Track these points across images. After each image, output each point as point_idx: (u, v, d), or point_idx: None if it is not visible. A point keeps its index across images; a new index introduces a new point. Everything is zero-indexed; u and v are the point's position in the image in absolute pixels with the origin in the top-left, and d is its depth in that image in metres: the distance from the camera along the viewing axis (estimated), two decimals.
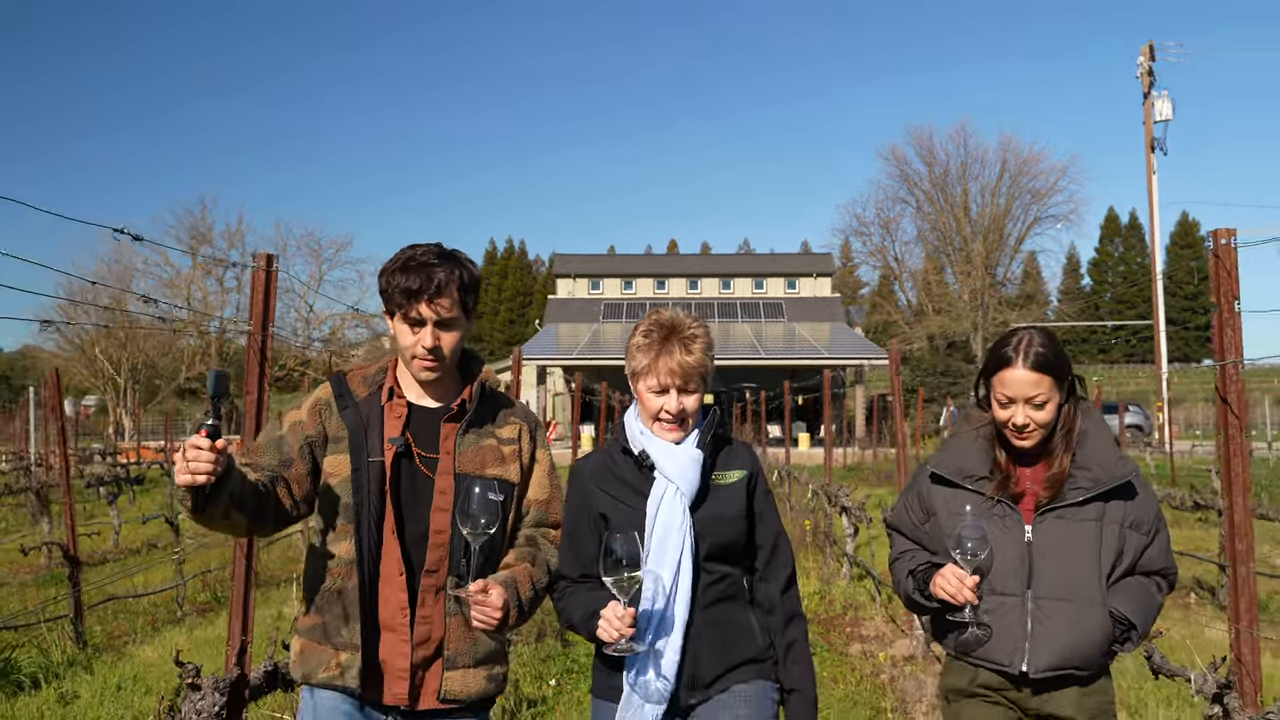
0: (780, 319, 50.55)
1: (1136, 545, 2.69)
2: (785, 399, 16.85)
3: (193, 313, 47.84)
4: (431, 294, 2.49)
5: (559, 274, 55.51)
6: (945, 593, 2.61)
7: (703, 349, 2.63)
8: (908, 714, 5.49)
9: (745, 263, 61.44)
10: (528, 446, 2.70)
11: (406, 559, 2.51)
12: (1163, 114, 38.15)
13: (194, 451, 2.20)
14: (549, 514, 2.73)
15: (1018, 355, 2.68)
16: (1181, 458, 24.78)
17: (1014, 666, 2.63)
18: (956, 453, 2.84)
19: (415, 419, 2.60)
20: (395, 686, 2.50)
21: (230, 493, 2.31)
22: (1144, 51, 38.64)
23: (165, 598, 8.61)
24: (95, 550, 11.46)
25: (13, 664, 6.20)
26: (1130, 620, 2.63)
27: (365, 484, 2.51)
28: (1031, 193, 56.85)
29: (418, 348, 2.54)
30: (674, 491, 2.58)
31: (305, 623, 2.58)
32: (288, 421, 2.62)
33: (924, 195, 58.46)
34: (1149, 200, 39.01)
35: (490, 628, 2.44)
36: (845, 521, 9.92)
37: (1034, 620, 2.63)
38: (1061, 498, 2.68)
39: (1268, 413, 35.51)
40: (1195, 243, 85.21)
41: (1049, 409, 2.68)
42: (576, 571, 2.65)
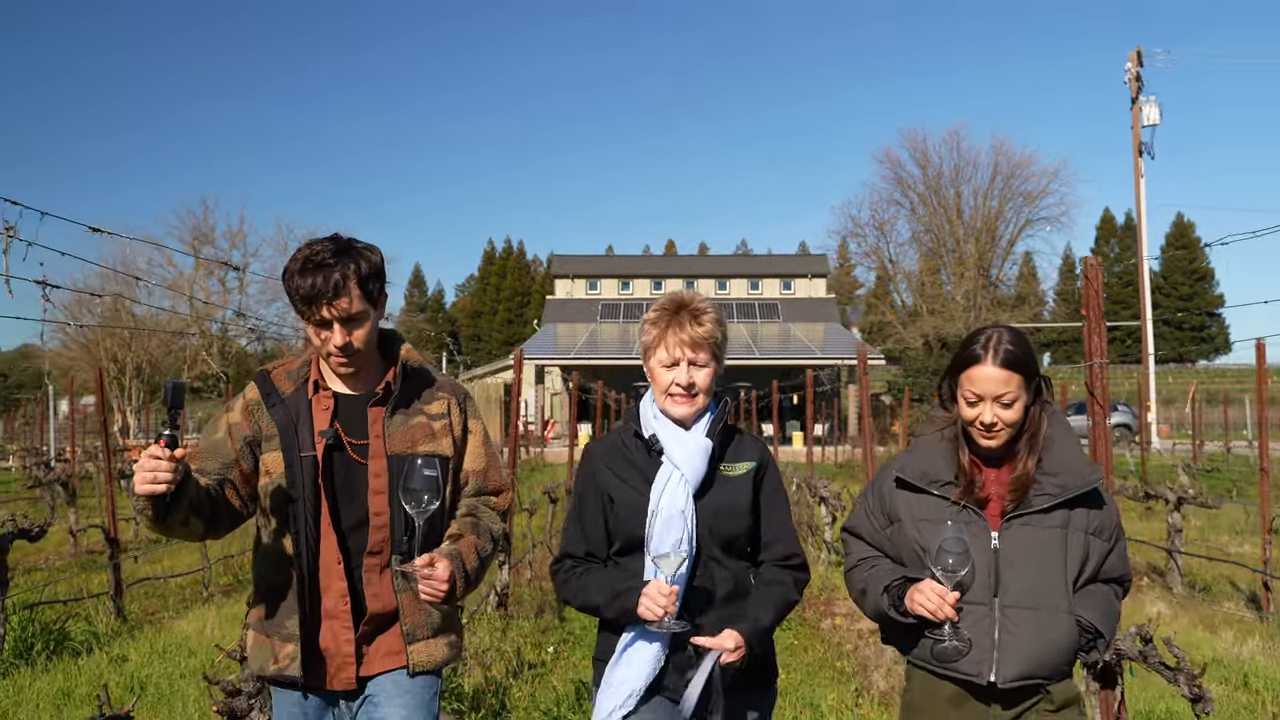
0: (776, 319, 51.20)
1: (1100, 552, 2.65)
2: (774, 398, 17.54)
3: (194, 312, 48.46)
4: (330, 296, 2.47)
5: (557, 274, 56.18)
6: (925, 610, 2.53)
7: (713, 321, 2.62)
8: (867, 675, 6.16)
9: (741, 264, 62.14)
10: (458, 419, 2.72)
11: (344, 547, 2.55)
12: (1150, 119, 38.84)
13: (153, 462, 2.21)
14: (488, 482, 2.75)
15: (986, 352, 2.62)
16: (1160, 455, 25.45)
17: (982, 677, 2.57)
18: (921, 456, 2.75)
19: (343, 408, 2.62)
20: (342, 672, 2.55)
21: (189, 499, 2.34)
22: (1132, 57, 39.29)
23: (192, 579, 9.29)
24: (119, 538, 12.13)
25: (66, 633, 6.90)
26: (1097, 628, 2.59)
27: (299, 479, 2.53)
28: (1023, 195, 57.49)
29: (329, 346, 2.54)
30: (679, 478, 2.57)
31: (253, 616, 2.65)
32: (223, 425, 2.63)
33: (918, 197, 59.11)
34: (1136, 203, 39.75)
35: (438, 599, 2.48)
36: (824, 511, 10.63)
37: (1001, 629, 2.57)
38: (1028, 504, 2.61)
39: (1248, 411, 36.15)
40: (1191, 243, 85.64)
41: (1017, 408, 2.62)
42: (583, 549, 2.66)
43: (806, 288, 54.85)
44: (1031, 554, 2.57)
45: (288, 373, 2.67)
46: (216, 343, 51.57)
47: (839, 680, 6.12)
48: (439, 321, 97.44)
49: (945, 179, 58.46)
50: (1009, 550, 2.58)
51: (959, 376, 2.65)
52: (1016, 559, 2.57)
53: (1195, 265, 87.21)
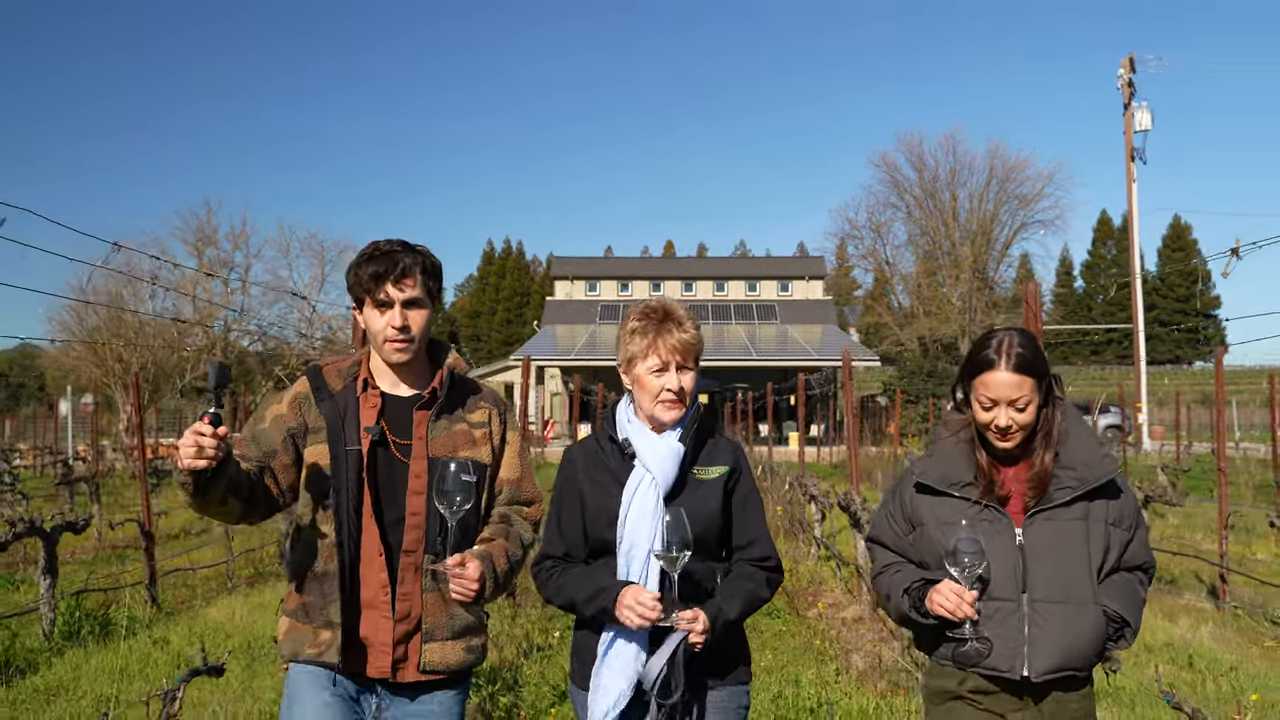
0: (773, 321, 51.69)
1: (1121, 542, 2.69)
2: (769, 399, 18.10)
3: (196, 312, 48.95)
4: (397, 275, 2.63)
5: (557, 276, 56.71)
6: (944, 609, 2.56)
7: (695, 328, 2.72)
8: (847, 657, 6.73)
9: (739, 265, 62.65)
10: (498, 429, 2.81)
11: (385, 541, 2.62)
12: (1142, 124, 39.41)
13: (196, 437, 2.30)
14: (521, 492, 2.83)
15: (1000, 357, 2.65)
16: (1148, 456, 26.02)
17: (1015, 672, 2.59)
18: (940, 460, 2.77)
19: (389, 408, 2.71)
20: (379, 660, 2.61)
21: (228, 479, 2.42)
22: (1124, 64, 39.89)
23: (216, 571, 9.85)
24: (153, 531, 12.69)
25: (109, 619, 7.47)
26: (1124, 617, 2.62)
27: (344, 472, 2.61)
28: (1019, 198, 58.30)
29: (388, 329, 2.66)
30: (650, 481, 2.62)
31: (291, 604, 2.70)
32: (269, 415, 2.72)
33: (914, 200, 59.89)
34: (1129, 208, 40.36)
35: (468, 599, 2.55)
36: (814, 508, 11.19)
37: (1030, 624, 2.59)
38: (1049, 499, 2.65)
39: (1235, 413, 36.74)
40: (1187, 245, 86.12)
41: (1031, 410, 2.65)
42: (561, 550, 2.73)
43: (804, 289, 55.39)
44: (1056, 547, 2.61)
45: (338, 370, 2.76)
46: (219, 343, 52.09)
47: (820, 661, 6.68)
48: (439, 321, 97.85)
49: (941, 182, 59.18)
50: (1034, 545, 2.61)
51: (973, 381, 2.68)
52: (1041, 553, 2.60)
53: (1191, 267, 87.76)
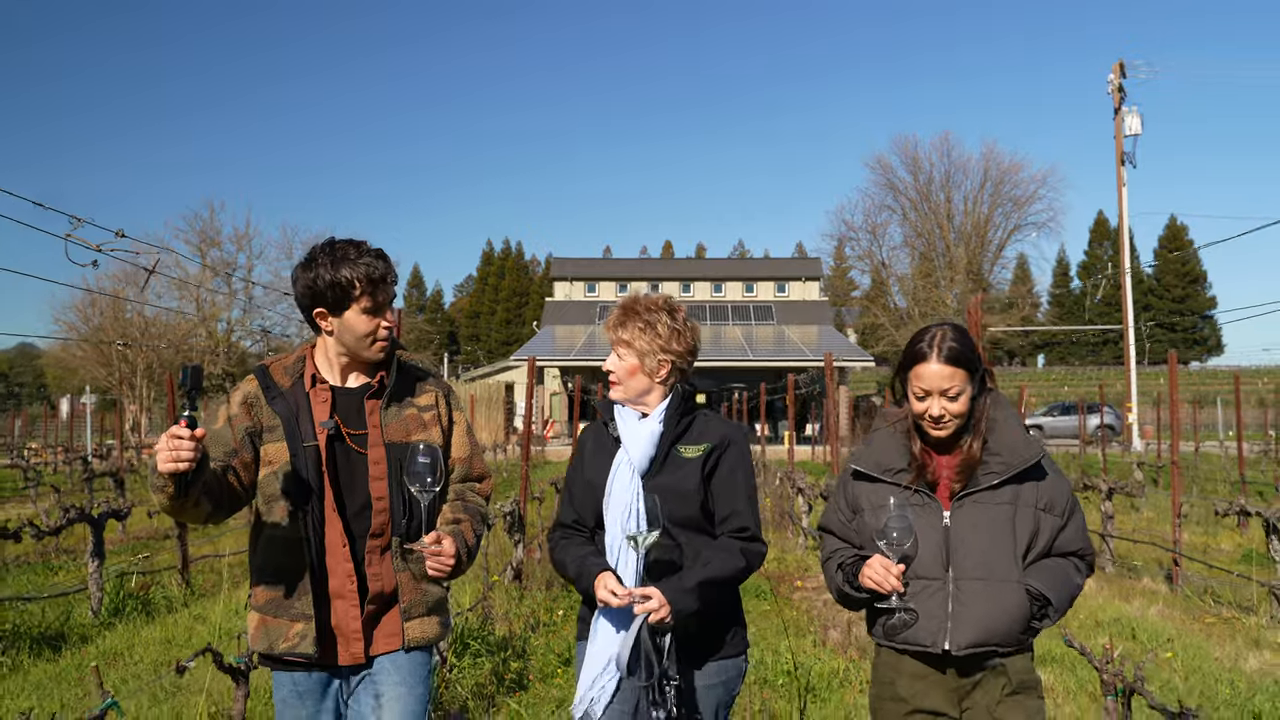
0: (770, 321, 52.31)
1: (1051, 527, 2.76)
2: (761, 399, 18.77)
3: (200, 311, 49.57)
4: (393, 277, 2.73)
5: (556, 277, 57.36)
6: (873, 582, 2.68)
7: (641, 326, 2.87)
8: (825, 631, 7.39)
9: (737, 266, 63.32)
10: (445, 411, 2.88)
11: (348, 530, 2.68)
12: (1132, 128, 40.06)
13: (175, 441, 2.31)
14: (472, 469, 2.93)
15: (931, 350, 2.76)
16: (1137, 454, 26.68)
17: (936, 646, 2.69)
18: (876, 449, 2.91)
19: (340, 401, 2.76)
20: (351, 647, 2.69)
21: (203, 482, 2.46)
22: (1114, 69, 40.52)
23: (239, 559, 10.51)
24: (161, 525, 13.37)
25: (149, 598, 8.14)
26: (1046, 596, 2.68)
27: (304, 467, 2.65)
28: (1012, 200, 59.04)
29: (379, 331, 2.73)
30: (627, 461, 2.82)
31: (260, 599, 2.72)
32: (222, 416, 2.74)
33: (909, 203, 60.61)
34: (1119, 211, 41.02)
35: (445, 573, 2.68)
36: (801, 500, 11.87)
37: (954, 601, 2.69)
38: (975, 483, 2.75)
39: (1220, 412, 37.34)
40: (1183, 245, 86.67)
41: (962, 400, 2.76)
42: (570, 519, 2.94)
43: (801, 290, 56.05)
44: (981, 529, 2.71)
45: (284, 367, 2.80)
46: (223, 343, 52.73)
47: (799, 635, 7.35)
48: (438, 322, 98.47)
49: (936, 184, 59.89)
50: (959, 527, 2.72)
51: (908, 374, 2.81)
52: (966, 534, 2.71)
53: (1188, 268, 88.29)
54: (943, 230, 58.84)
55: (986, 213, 58.93)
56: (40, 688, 5.84)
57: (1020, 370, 78.91)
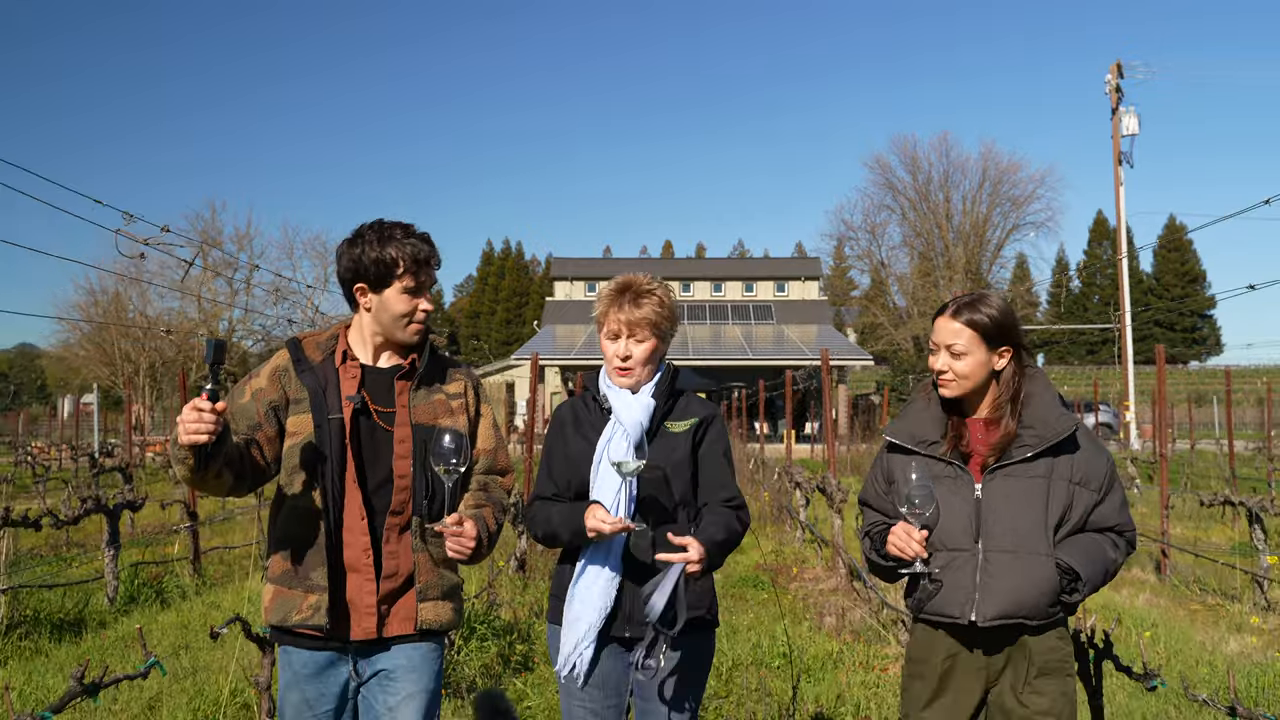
0: (770, 321, 52.52)
1: (1086, 502, 2.74)
2: (760, 397, 19.00)
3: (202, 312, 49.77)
4: (436, 261, 2.76)
5: (556, 277, 57.58)
6: (896, 548, 2.68)
7: (653, 305, 2.90)
8: (820, 619, 7.61)
9: (736, 266, 63.54)
10: (473, 401, 2.90)
11: (368, 505, 2.68)
12: (1129, 129, 40.29)
13: (196, 414, 2.34)
14: (496, 462, 2.93)
15: (950, 305, 2.83)
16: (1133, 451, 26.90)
17: (964, 617, 2.70)
18: (910, 420, 2.92)
19: (368, 379, 2.76)
20: (364, 622, 2.68)
21: (224, 453, 2.48)
22: (1112, 70, 40.80)
23: (248, 551, 10.74)
24: (170, 520, 13.59)
25: (162, 587, 8.36)
26: (1076, 571, 2.66)
27: (328, 439, 2.67)
28: (1011, 200, 59.33)
29: (418, 312, 2.75)
30: (621, 433, 2.84)
31: (276, 570, 2.73)
32: (249, 390, 2.75)
33: (908, 203, 60.88)
34: (1116, 210, 41.26)
35: (465, 556, 2.65)
36: (798, 495, 12.09)
37: (983, 573, 2.68)
38: (1009, 456, 2.74)
39: (1215, 411, 37.51)
40: (1183, 246, 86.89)
41: (967, 362, 2.76)
42: (549, 492, 2.97)
43: (800, 290, 56.24)
44: (1012, 502, 2.70)
45: (317, 343, 2.82)
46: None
47: (796, 621, 7.57)
48: (438, 322, 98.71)
49: (935, 184, 60.15)
50: (991, 499, 2.72)
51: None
52: (998, 507, 2.71)
53: (1187, 267, 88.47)
54: (941, 230, 59.11)
55: (985, 212, 59.26)
56: (64, 669, 6.06)
57: None
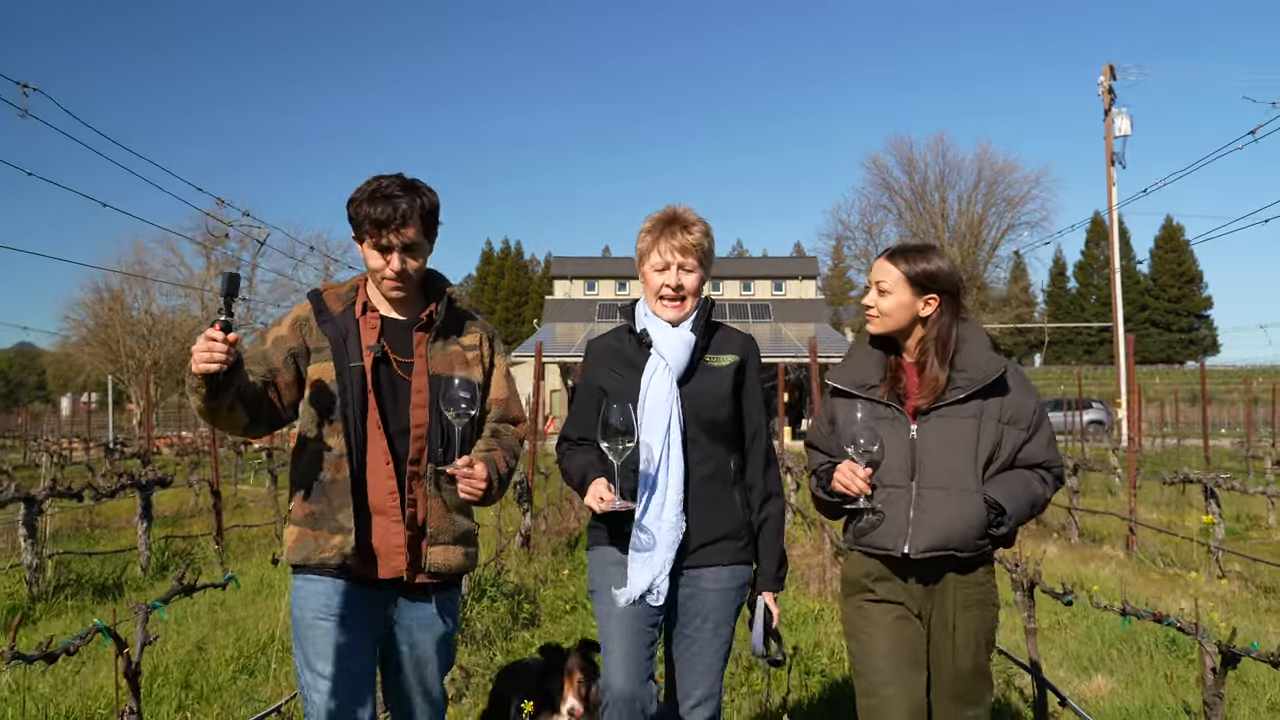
0: (768, 319, 53.00)
1: (1015, 440, 2.87)
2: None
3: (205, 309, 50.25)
4: (397, 224, 2.68)
5: (556, 275, 58.11)
6: (841, 485, 2.82)
7: (701, 232, 2.91)
8: (806, 585, 8.18)
9: (734, 265, 64.05)
10: (488, 352, 2.94)
11: (392, 450, 2.72)
12: (1122, 130, 40.75)
13: (209, 343, 2.36)
14: (508, 411, 2.97)
15: (889, 249, 2.99)
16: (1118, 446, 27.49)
17: (897, 549, 2.83)
18: (851, 366, 3.05)
19: (388, 330, 2.81)
20: (393, 561, 2.72)
21: (237, 387, 2.50)
22: (1104, 72, 41.29)
23: (264, 530, 11.30)
24: (196, 503, 14.17)
25: (191, 558, 8.92)
26: (1002, 505, 2.79)
27: (349, 385, 2.70)
28: (1006, 200, 59.94)
29: (386, 271, 2.74)
30: (664, 367, 2.85)
31: (299, 512, 2.75)
32: (270, 337, 2.79)
33: (904, 203, 61.51)
34: (1109, 210, 41.80)
35: (476, 498, 2.70)
36: (789, 479, 12.67)
37: (916, 508, 2.82)
38: (942, 398, 2.87)
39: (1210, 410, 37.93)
40: (1180, 246, 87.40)
41: (891, 300, 2.91)
42: (576, 435, 3.02)
43: (797, 289, 56.76)
44: (945, 442, 2.84)
45: (338, 295, 2.86)
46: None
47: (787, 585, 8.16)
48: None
49: (930, 184, 60.75)
50: (926, 438, 2.86)
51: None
52: (932, 446, 2.85)
53: (1184, 268, 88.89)
54: (937, 230, 59.70)
55: (980, 212, 59.92)
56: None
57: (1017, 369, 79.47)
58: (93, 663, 5.40)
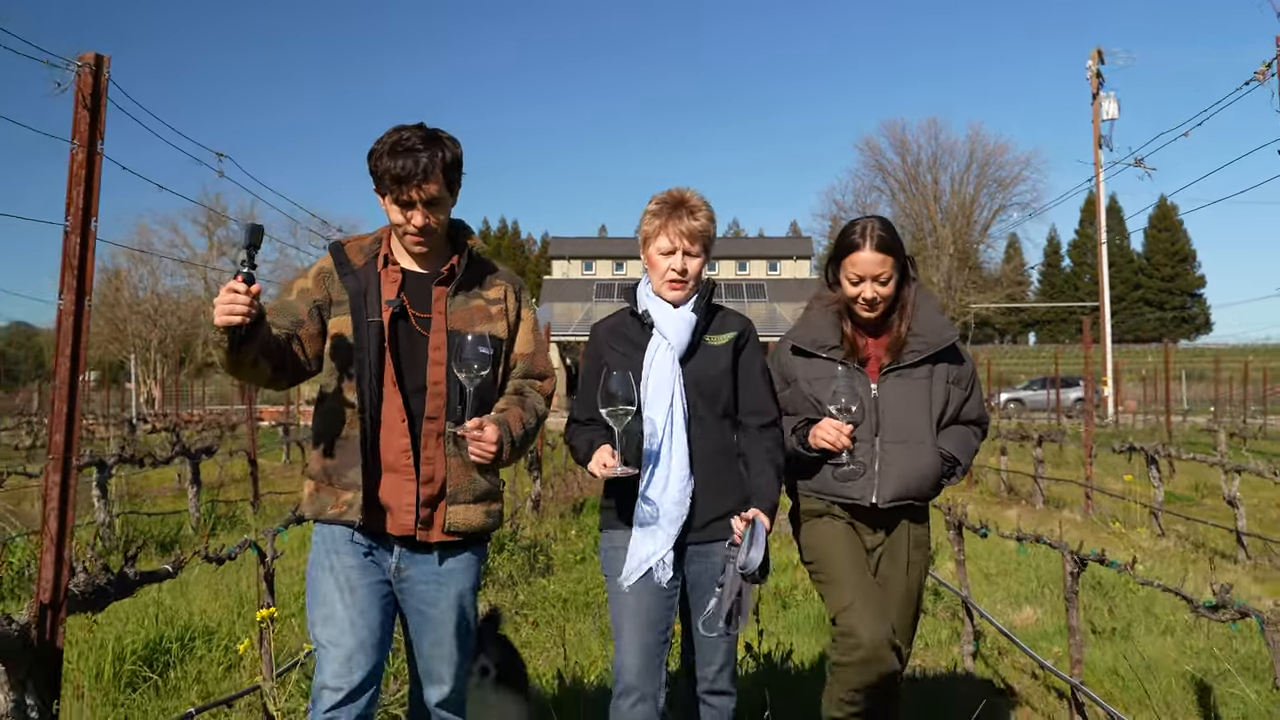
0: (762, 299, 53.80)
1: (958, 399, 3.14)
2: None
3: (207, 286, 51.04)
4: (419, 179, 2.61)
5: (554, 256, 58.92)
6: (825, 441, 2.95)
7: (707, 217, 2.94)
8: (785, 545, 9.13)
9: (730, 245, 64.80)
10: (513, 305, 2.87)
11: (407, 408, 2.68)
12: (1109, 113, 41.53)
13: (231, 295, 2.31)
14: (534, 366, 2.89)
15: (864, 240, 3.03)
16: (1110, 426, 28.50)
17: (865, 499, 3.03)
18: (811, 327, 3.18)
19: (409, 284, 2.76)
20: (401, 518, 2.69)
21: (260, 340, 2.45)
22: (1093, 56, 42.04)
23: (295, 497, 12.25)
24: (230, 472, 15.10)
25: (235, 519, 9.88)
26: (956, 458, 3.08)
27: (366, 341, 2.67)
28: (997, 181, 60.81)
29: (409, 226, 2.68)
30: (666, 346, 2.90)
31: (315, 467, 2.76)
32: (296, 289, 2.76)
33: (898, 184, 62.32)
34: (1097, 193, 42.66)
35: (486, 461, 2.66)
36: None
37: (880, 461, 3.02)
38: (900, 360, 3.07)
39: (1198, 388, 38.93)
40: (1174, 226, 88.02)
41: (891, 285, 3.05)
42: (585, 415, 3.04)
43: (792, 269, 57.59)
44: (903, 399, 3.07)
45: (360, 247, 2.81)
46: None
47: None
48: None
49: (923, 166, 61.52)
50: (886, 397, 3.07)
51: (842, 262, 3.11)
52: (892, 403, 3.06)
53: (1177, 247, 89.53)
54: (930, 211, 60.59)
55: (972, 193, 60.76)
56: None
57: (1011, 347, 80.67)
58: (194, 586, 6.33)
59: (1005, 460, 14.27)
